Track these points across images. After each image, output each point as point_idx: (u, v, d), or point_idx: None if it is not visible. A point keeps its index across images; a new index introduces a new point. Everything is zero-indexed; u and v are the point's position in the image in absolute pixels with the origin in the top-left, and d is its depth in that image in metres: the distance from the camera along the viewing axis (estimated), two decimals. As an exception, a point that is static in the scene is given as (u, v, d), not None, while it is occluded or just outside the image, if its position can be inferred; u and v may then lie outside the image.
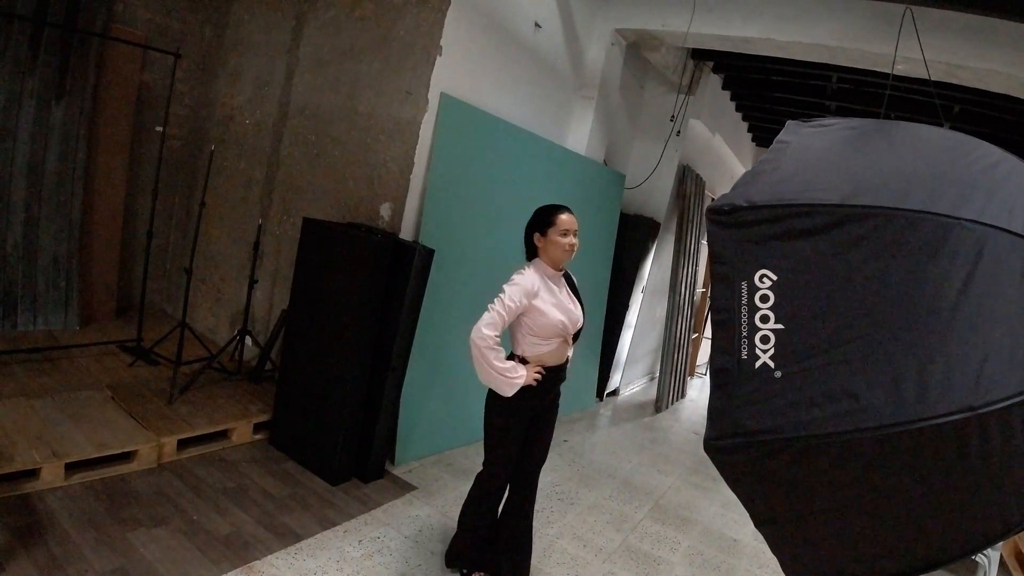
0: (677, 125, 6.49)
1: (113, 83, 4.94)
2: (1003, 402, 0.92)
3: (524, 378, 2.63)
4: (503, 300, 2.58)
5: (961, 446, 0.95)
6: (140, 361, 4.45)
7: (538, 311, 2.64)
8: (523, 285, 2.62)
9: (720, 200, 1.21)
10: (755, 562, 3.95)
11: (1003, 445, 0.96)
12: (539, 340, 2.71)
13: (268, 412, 4.05)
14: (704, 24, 4.94)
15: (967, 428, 0.93)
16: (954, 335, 0.98)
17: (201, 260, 5.36)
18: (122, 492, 3.13)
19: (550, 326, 2.66)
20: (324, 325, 3.73)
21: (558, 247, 2.68)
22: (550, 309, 2.66)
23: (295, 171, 4.81)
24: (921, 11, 4.00)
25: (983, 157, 1.18)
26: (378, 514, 3.49)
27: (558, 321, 2.66)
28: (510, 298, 2.58)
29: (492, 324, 2.56)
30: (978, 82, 4.35)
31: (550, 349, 2.73)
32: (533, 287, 2.63)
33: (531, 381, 2.65)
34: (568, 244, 2.68)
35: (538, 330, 2.67)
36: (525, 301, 2.60)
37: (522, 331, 2.72)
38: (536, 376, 2.67)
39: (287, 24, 4.95)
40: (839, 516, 1.11)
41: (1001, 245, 1.01)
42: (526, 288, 2.61)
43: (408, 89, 4.03)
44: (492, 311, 2.58)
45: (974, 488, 1.01)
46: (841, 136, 1.40)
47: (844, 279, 1.07)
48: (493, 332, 2.56)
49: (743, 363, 1.09)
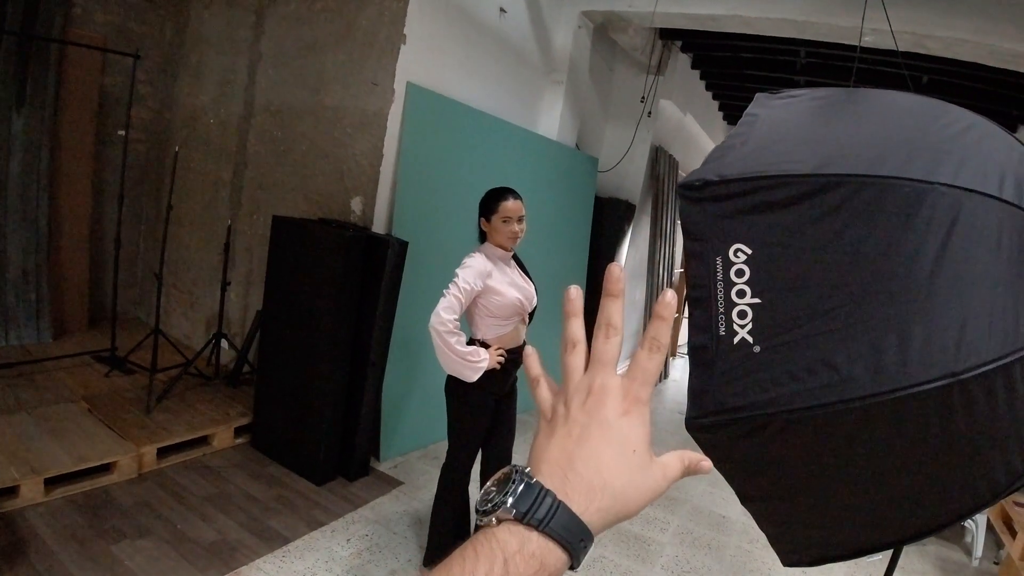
0: (648, 106, 6.46)
1: (74, 89, 4.83)
2: (985, 367, 0.91)
3: (487, 362, 2.61)
4: (458, 283, 2.57)
5: (945, 413, 0.94)
6: (115, 371, 4.38)
7: (494, 291, 2.63)
8: (476, 267, 2.61)
9: (691, 176, 1.19)
10: (745, 538, 3.97)
11: (987, 410, 0.95)
12: (498, 321, 2.70)
13: (248, 415, 4.00)
14: (670, 3, 4.90)
15: (950, 394, 0.92)
16: (933, 302, 0.97)
17: (172, 265, 5.28)
18: (104, 505, 3.08)
19: (508, 305, 2.66)
20: (300, 324, 3.67)
21: (501, 234, 2.67)
22: (506, 288, 2.65)
23: (263, 169, 4.74)
24: (886, -20, 4.00)
25: (955, 121, 1.16)
26: (365, 512, 3.46)
27: (515, 299, 2.66)
28: (464, 280, 2.57)
29: (450, 308, 2.55)
30: (946, 51, 4.36)
31: (508, 330, 2.73)
32: (485, 268, 2.62)
33: (495, 364, 2.64)
34: (510, 232, 2.66)
35: (496, 311, 2.67)
36: (480, 283, 2.59)
37: (480, 314, 2.70)
38: (499, 359, 2.66)
39: (247, 19, 4.85)
40: (824, 489, 1.10)
41: (977, 208, 1.00)
42: (479, 269, 2.60)
43: (374, 80, 3.97)
44: (448, 295, 2.56)
45: (960, 454, 1.01)
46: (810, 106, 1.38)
47: (819, 249, 1.06)
48: (452, 316, 2.54)
49: (721, 340, 1.07)
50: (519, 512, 0.46)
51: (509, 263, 2.78)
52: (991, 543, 4.32)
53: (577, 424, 0.52)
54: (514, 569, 0.44)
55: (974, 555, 4.11)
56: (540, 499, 0.47)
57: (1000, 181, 1.01)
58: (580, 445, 0.51)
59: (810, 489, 1.11)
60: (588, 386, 0.54)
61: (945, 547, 4.31)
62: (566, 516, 0.47)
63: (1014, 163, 1.05)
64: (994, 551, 4.32)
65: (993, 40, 3.99)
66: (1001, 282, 0.96)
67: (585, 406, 0.53)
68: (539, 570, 0.45)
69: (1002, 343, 0.92)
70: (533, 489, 0.47)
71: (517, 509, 0.46)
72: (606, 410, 0.52)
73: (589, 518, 0.48)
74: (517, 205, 2.68)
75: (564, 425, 0.53)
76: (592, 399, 0.53)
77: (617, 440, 0.51)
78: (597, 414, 0.52)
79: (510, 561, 0.44)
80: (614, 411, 0.52)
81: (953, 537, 4.44)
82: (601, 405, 0.53)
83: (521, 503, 0.46)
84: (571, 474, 0.49)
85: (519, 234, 2.69)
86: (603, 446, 0.51)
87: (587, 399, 0.53)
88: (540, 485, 0.48)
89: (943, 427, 0.96)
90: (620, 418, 0.52)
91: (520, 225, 2.69)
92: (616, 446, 0.51)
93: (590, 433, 0.52)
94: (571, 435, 0.52)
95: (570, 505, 0.48)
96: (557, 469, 0.50)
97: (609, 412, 0.52)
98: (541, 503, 0.47)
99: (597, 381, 0.54)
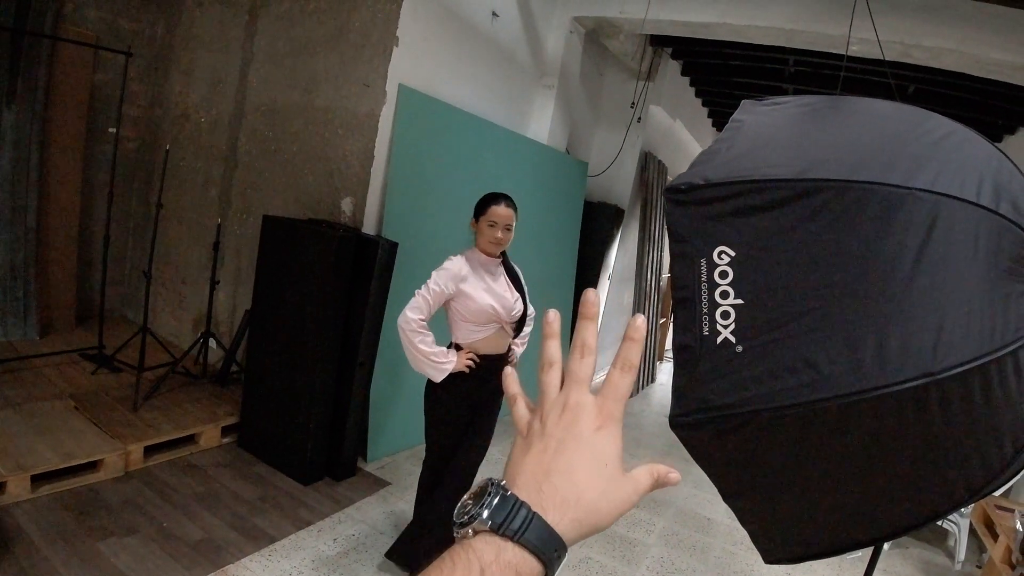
0: (638, 112, 6.50)
1: (64, 85, 4.80)
2: (961, 367, 0.94)
3: (453, 364, 2.62)
4: (428, 284, 2.60)
5: (922, 412, 0.97)
6: (103, 369, 4.35)
7: (466, 296, 2.63)
8: (450, 270, 2.63)
9: (677, 179, 1.21)
10: (729, 539, 4.00)
11: (964, 410, 0.97)
12: (473, 327, 2.70)
13: (235, 415, 3.99)
14: (662, 10, 4.95)
15: (927, 394, 0.94)
16: (911, 303, 0.99)
17: (160, 263, 5.25)
18: (91, 502, 3.07)
19: (480, 311, 2.65)
20: (289, 324, 3.67)
21: (484, 237, 2.68)
22: (479, 294, 2.65)
23: (253, 169, 4.73)
24: (875, -9, 4.05)
25: (935, 128, 1.19)
26: (352, 512, 3.47)
27: (487, 305, 2.65)
28: (435, 282, 2.60)
29: (416, 307, 2.58)
30: (932, 61, 4.42)
31: (485, 336, 2.72)
32: (460, 272, 2.63)
33: (462, 367, 2.64)
34: (492, 236, 2.67)
35: (469, 315, 2.67)
36: (452, 285, 2.61)
37: (454, 317, 2.72)
38: (467, 363, 2.66)
39: (240, 19, 4.85)
40: (805, 486, 1.12)
41: (955, 213, 1.02)
42: (453, 272, 2.62)
43: (366, 82, 3.98)
44: (417, 295, 2.60)
45: (938, 453, 1.03)
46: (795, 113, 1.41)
47: (801, 252, 1.08)
48: (417, 315, 2.57)
49: (705, 339, 1.09)
50: (494, 523, 0.48)
51: (493, 270, 2.76)
52: (973, 546, 4.36)
53: (553, 439, 0.54)
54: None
55: (957, 558, 4.15)
56: (515, 511, 0.48)
57: (978, 187, 1.04)
58: (555, 459, 0.53)
59: (791, 486, 1.13)
60: (563, 403, 0.56)
61: (928, 550, 4.36)
62: (540, 527, 0.48)
63: (992, 169, 1.08)
64: (977, 555, 4.36)
65: (979, 50, 4.06)
66: (978, 285, 0.99)
67: (561, 421, 0.55)
68: None
69: (979, 344, 0.95)
70: (508, 501, 0.49)
71: (493, 520, 0.48)
72: (581, 425, 0.55)
73: (563, 529, 0.50)
74: (507, 212, 2.69)
75: (540, 440, 0.55)
76: (567, 415, 0.55)
77: (591, 454, 0.54)
78: (572, 429, 0.54)
79: (486, 570, 0.46)
80: (588, 427, 0.55)
81: (936, 540, 4.49)
82: (576, 421, 0.55)
83: (496, 515, 0.48)
84: (546, 486, 0.51)
85: (501, 241, 2.70)
86: (578, 459, 0.53)
87: (562, 415, 0.56)
88: (515, 497, 0.50)
89: (921, 426, 0.98)
90: (594, 433, 0.54)
91: (505, 233, 2.70)
92: (590, 460, 0.53)
93: (565, 447, 0.54)
94: (547, 449, 0.54)
95: (545, 517, 0.49)
96: (532, 482, 0.52)
97: (584, 427, 0.55)
98: (516, 514, 0.48)
99: (572, 398, 0.56)
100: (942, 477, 1.07)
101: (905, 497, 1.11)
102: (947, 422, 0.98)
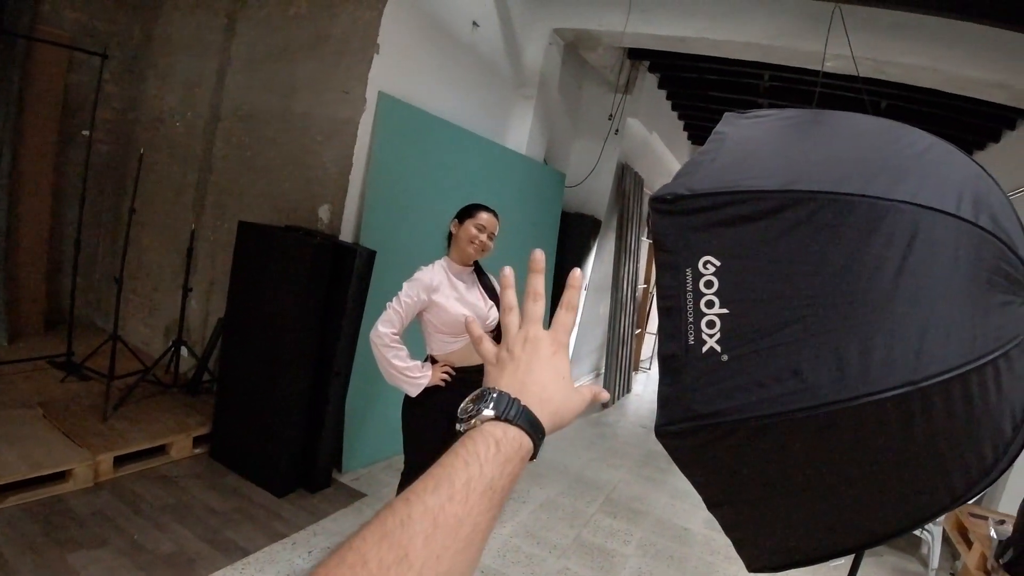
0: (615, 124, 6.56)
1: (38, 86, 4.72)
2: (943, 375, 0.95)
3: (428, 378, 2.60)
4: (399, 296, 2.57)
5: (904, 420, 0.97)
6: (72, 376, 4.25)
7: (439, 307, 2.60)
8: (422, 280, 2.60)
9: (662, 189, 1.22)
10: (707, 549, 4.01)
11: (945, 418, 0.98)
12: (447, 338, 2.67)
13: (208, 424, 3.92)
14: (640, 24, 5.00)
15: (910, 402, 0.95)
16: (893, 313, 1.00)
17: (132, 269, 5.17)
18: (59, 513, 2.99)
19: (453, 322, 2.62)
20: (263, 332, 3.62)
21: (466, 238, 2.65)
22: (452, 304, 2.62)
23: (229, 174, 4.68)
24: (850, 9, 4.12)
25: (915, 142, 1.21)
26: (327, 524, 3.42)
27: (461, 316, 2.61)
28: (406, 294, 2.57)
29: (388, 321, 2.55)
30: (905, 78, 4.51)
31: (460, 347, 2.69)
32: (432, 282, 2.60)
33: (437, 381, 2.62)
34: (476, 238, 2.65)
35: (443, 327, 2.64)
36: (424, 296, 2.58)
37: (428, 329, 2.69)
38: (443, 376, 2.64)
39: (218, 23, 4.81)
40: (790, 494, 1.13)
41: (935, 225, 1.04)
42: (425, 283, 2.59)
43: (345, 88, 3.96)
44: (389, 308, 2.57)
45: (920, 461, 1.04)
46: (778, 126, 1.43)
47: (785, 263, 1.09)
48: (389, 329, 2.54)
49: (690, 349, 1.09)
50: (498, 412, 0.63)
51: (466, 279, 2.74)
52: (947, 554, 4.42)
53: (521, 361, 0.71)
54: (505, 447, 0.59)
55: (930, 566, 4.20)
56: (510, 404, 0.64)
57: (958, 199, 1.05)
58: (527, 374, 0.70)
59: (776, 494, 1.14)
60: (524, 336, 0.74)
61: (902, 558, 4.41)
62: (529, 414, 0.64)
63: (971, 182, 1.10)
64: (950, 561, 4.43)
65: (951, 67, 4.15)
66: (958, 295, 1.00)
67: (525, 349, 0.72)
68: (518, 449, 0.61)
69: (959, 353, 0.96)
70: (504, 397, 0.65)
71: (496, 409, 0.63)
72: (541, 351, 0.72)
73: (543, 419, 0.66)
74: (493, 220, 2.70)
75: (511, 363, 0.72)
76: (529, 344, 0.73)
77: (552, 370, 0.71)
78: (535, 353, 0.72)
79: (500, 442, 0.60)
80: (547, 352, 0.72)
81: (909, 548, 4.54)
82: (537, 348, 0.72)
83: (498, 407, 0.63)
84: (524, 392, 0.67)
85: (485, 246, 2.69)
86: (543, 374, 0.70)
87: (525, 345, 0.73)
88: (508, 395, 0.65)
89: (903, 434, 0.99)
90: (551, 356, 0.72)
91: (489, 240, 2.69)
92: (552, 374, 0.71)
93: (532, 367, 0.70)
94: (518, 368, 0.70)
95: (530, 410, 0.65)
96: (512, 390, 0.67)
97: (543, 352, 0.72)
98: (512, 406, 0.64)
99: (531, 332, 0.74)
100: (925, 484, 1.08)
101: (889, 504, 1.12)
102: (929, 430, 0.99)
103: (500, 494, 0.57)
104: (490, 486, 0.56)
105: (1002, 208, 1.08)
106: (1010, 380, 1.01)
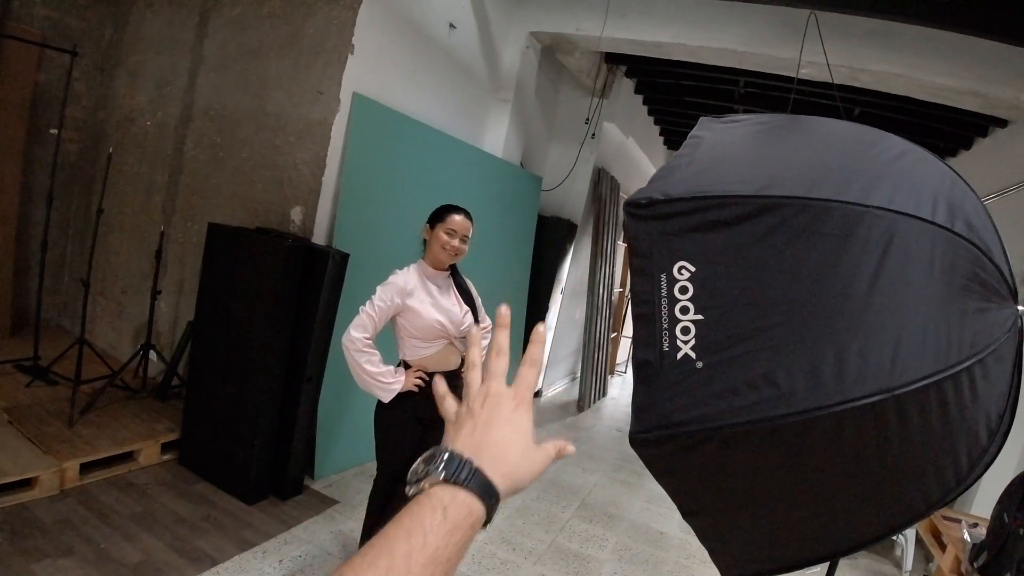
0: (591, 128, 6.57)
1: (6, 84, 4.60)
2: (918, 383, 0.94)
3: (401, 384, 2.57)
4: (373, 301, 2.54)
5: (880, 427, 0.97)
6: (38, 381, 4.14)
7: (413, 311, 2.57)
8: (396, 284, 2.56)
9: (637, 193, 1.20)
10: (682, 553, 4.01)
11: (921, 425, 0.97)
12: (420, 343, 2.64)
13: (176, 431, 3.84)
14: (617, 28, 5.00)
15: (885, 409, 0.95)
16: (869, 319, 1.00)
17: (100, 271, 5.06)
18: (24, 521, 2.91)
19: (427, 327, 2.59)
20: (234, 336, 3.55)
21: (439, 244, 2.61)
22: (426, 308, 2.58)
23: (200, 175, 4.60)
24: (825, 16, 4.15)
25: (890, 148, 1.21)
26: (298, 532, 3.36)
27: (435, 321, 2.58)
28: (380, 298, 2.53)
29: (360, 326, 2.51)
30: (879, 84, 4.56)
31: (433, 352, 2.66)
32: (407, 286, 2.57)
33: (410, 387, 2.59)
34: (449, 244, 2.61)
35: (416, 332, 2.60)
36: (398, 300, 2.54)
37: (401, 334, 2.66)
38: (417, 382, 2.60)
39: (191, 21, 4.73)
40: (765, 502, 1.12)
41: (911, 231, 1.03)
42: (399, 287, 2.55)
43: (319, 89, 3.90)
44: (362, 312, 2.53)
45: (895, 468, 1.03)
46: (753, 130, 1.42)
47: (760, 268, 1.08)
48: (361, 334, 2.51)
49: (665, 355, 1.08)
50: (448, 475, 0.60)
51: (441, 283, 2.70)
52: (920, 556, 4.46)
53: (480, 419, 0.69)
54: (452, 514, 0.57)
55: (904, 568, 4.23)
56: (462, 465, 0.62)
57: (933, 205, 1.04)
58: (485, 432, 0.67)
59: (751, 503, 1.12)
60: (486, 392, 0.72)
61: (876, 561, 4.44)
62: (481, 477, 0.62)
63: (946, 188, 1.09)
64: (924, 564, 4.46)
65: (924, 75, 4.20)
66: (934, 301, 0.99)
67: (485, 406, 0.70)
68: (467, 515, 0.58)
69: (935, 360, 0.95)
70: (455, 458, 0.62)
71: (447, 472, 0.61)
72: (502, 408, 0.70)
73: (496, 482, 0.63)
74: (466, 223, 2.65)
75: (470, 420, 0.69)
76: (490, 401, 0.71)
77: (512, 428, 0.69)
78: (496, 411, 0.70)
79: (448, 507, 0.57)
80: (508, 408, 0.70)
81: (883, 551, 4.57)
82: (498, 405, 0.70)
83: (448, 469, 0.61)
84: (480, 452, 0.64)
85: (459, 251, 2.65)
86: (502, 433, 0.68)
87: (486, 401, 0.71)
88: (460, 456, 0.63)
89: (879, 441, 0.97)
90: (512, 413, 0.70)
91: (462, 244, 2.65)
92: (511, 432, 0.68)
93: (491, 424, 0.68)
94: (476, 427, 0.68)
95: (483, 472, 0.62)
96: (468, 449, 0.65)
97: (504, 409, 0.70)
98: (463, 468, 0.61)
99: (493, 387, 0.72)
100: (900, 491, 1.07)
101: (864, 512, 1.11)
102: (905, 437, 0.98)
103: (446, 565, 0.55)
104: (434, 557, 0.54)
105: (977, 214, 1.07)
106: (986, 387, 1.00)
